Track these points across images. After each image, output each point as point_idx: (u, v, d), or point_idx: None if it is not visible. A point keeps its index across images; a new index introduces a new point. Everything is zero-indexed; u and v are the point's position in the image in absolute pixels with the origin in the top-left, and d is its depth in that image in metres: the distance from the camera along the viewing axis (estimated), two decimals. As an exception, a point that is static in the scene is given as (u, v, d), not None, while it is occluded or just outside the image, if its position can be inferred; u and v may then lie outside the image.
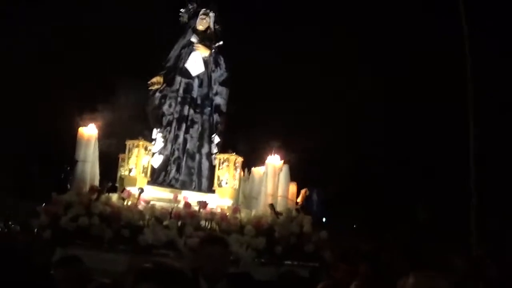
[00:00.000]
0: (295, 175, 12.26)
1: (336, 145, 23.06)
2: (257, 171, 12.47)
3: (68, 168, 10.88)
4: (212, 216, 10.89)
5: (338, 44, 23.28)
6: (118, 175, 12.09)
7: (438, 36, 22.88)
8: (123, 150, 11.98)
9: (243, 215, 11.28)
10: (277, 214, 11.21)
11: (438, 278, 4.44)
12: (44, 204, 10.80)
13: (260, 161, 12.48)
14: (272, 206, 11.33)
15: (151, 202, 10.94)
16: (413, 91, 25.46)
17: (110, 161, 12.15)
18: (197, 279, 5.46)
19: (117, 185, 11.56)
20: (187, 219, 10.62)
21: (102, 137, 11.49)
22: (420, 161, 26.81)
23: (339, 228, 11.43)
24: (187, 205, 10.91)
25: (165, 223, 10.53)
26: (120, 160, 12.21)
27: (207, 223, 10.82)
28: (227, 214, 11.08)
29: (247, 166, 12.64)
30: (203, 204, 11.00)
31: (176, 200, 11.17)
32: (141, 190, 10.88)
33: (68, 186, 10.92)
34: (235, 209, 11.30)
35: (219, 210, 11.24)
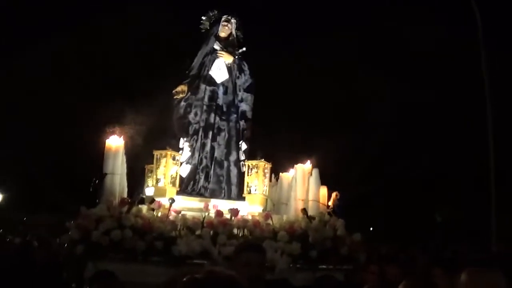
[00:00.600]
0: (325, 178, 12.10)
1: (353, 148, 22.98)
2: (285, 176, 12.34)
3: (97, 181, 10.75)
4: (244, 223, 10.76)
5: (355, 51, 23.30)
6: (145, 185, 12.01)
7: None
8: (149, 161, 11.92)
9: (275, 221, 11.15)
10: (310, 218, 11.07)
11: (492, 273, 4.33)
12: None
13: (288, 166, 12.38)
14: (305, 210, 11.20)
15: (182, 212, 10.84)
16: (432, 97, 25.40)
17: (137, 172, 12.06)
18: None
19: (144, 196, 11.44)
20: (220, 227, 10.49)
21: (129, 149, 11.39)
22: (437, 164, 26.73)
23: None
24: (219, 213, 10.78)
25: (197, 232, 10.42)
26: (146, 171, 12.14)
27: (239, 231, 10.72)
28: (259, 220, 10.96)
29: (274, 171, 12.51)
30: (234, 212, 10.87)
31: (206, 209, 11.04)
32: (172, 201, 10.75)
33: (97, 200, 10.80)
34: (267, 215, 11.16)
35: (250, 217, 11.12)
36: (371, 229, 27.53)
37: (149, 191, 11.49)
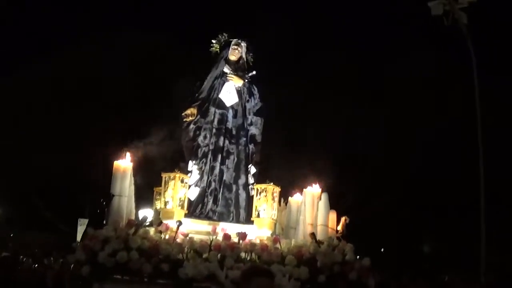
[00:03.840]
0: (333, 203, 12.01)
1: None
2: (294, 200, 12.24)
3: (105, 203, 10.70)
4: (252, 247, 10.67)
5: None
6: (153, 208, 11.96)
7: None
8: (157, 183, 11.88)
9: (283, 245, 11.05)
10: (318, 243, 10.96)
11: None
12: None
13: (297, 190, 12.30)
14: (313, 235, 11.09)
15: (190, 235, 10.76)
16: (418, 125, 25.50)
17: (145, 194, 12.03)
18: None
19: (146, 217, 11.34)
20: (227, 251, 10.40)
21: (137, 170, 11.34)
22: (426, 197, 26.70)
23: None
24: (227, 236, 10.70)
25: (204, 255, 10.33)
26: (155, 193, 12.09)
27: (247, 255, 10.62)
28: (268, 244, 10.86)
29: (282, 195, 12.43)
30: (242, 236, 10.78)
31: (214, 232, 10.96)
32: (180, 223, 10.67)
33: (104, 221, 10.75)
34: (276, 239, 11.07)
35: (258, 241, 11.03)
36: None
37: (142, 214, 11.35)
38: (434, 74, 25.59)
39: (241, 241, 10.72)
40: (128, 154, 11.13)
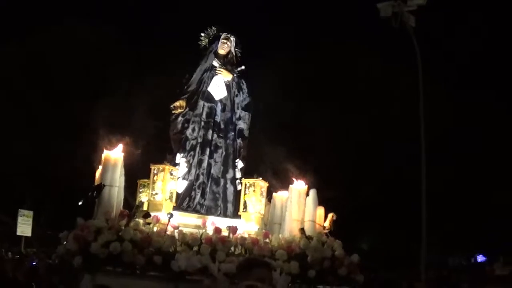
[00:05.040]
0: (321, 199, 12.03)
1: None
2: (278, 196, 12.21)
3: (95, 193, 10.53)
4: (242, 241, 10.65)
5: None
6: (138, 200, 11.81)
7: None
8: (141, 175, 11.77)
9: (272, 240, 11.05)
10: (308, 238, 10.98)
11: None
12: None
13: (283, 186, 12.29)
14: (303, 230, 11.11)
15: (179, 228, 10.68)
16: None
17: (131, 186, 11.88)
18: None
19: (136, 211, 11.24)
20: (219, 244, 10.35)
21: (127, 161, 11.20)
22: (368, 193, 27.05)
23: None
24: (218, 230, 10.65)
25: (194, 248, 10.27)
26: (139, 185, 11.95)
27: (236, 249, 10.59)
28: (258, 239, 10.85)
29: (269, 191, 12.41)
30: (233, 229, 10.75)
31: (204, 225, 10.91)
32: (171, 216, 10.58)
33: (94, 211, 10.58)
34: (266, 234, 11.08)
35: (247, 235, 11.01)
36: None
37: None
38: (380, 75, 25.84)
39: (231, 235, 10.69)
40: (118, 145, 10.98)
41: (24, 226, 25.93)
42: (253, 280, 5.44)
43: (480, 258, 29.98)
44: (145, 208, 11.31)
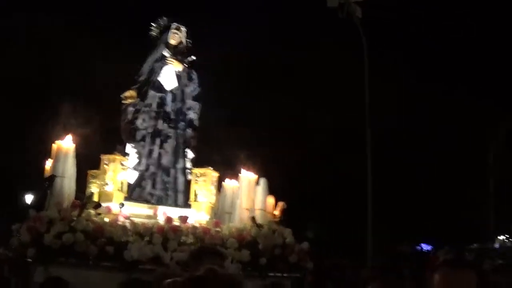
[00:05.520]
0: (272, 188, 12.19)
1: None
2: (228, 185, 12.30)
3: (47, 184, 10.49)
4: (194, 230, 10.75)
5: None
6: (87, 191, 11.76)
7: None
8: (91, 166, 11.76)
9: (224, 229, 11.17)
10: (259, 226, 11.13)
11: (462, 270, 4.41)
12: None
13: (233, 176, 12.39)
14: (253, 218, 11.25)
15: (131, 218, 10.74)
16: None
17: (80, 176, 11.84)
18: None
19: (86, 201, 11.22)
20: (170, 233, 10.45)
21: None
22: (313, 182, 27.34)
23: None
24: (169, 219, 10.74)
25: (146, 238, 10.34)
26: (89, 176, 11.91)
27: (188, 238, 10.69)
28: (209, 228, 10.97)
29: (219, 181, 12.50)
30: (184, 219, 10.87)
31: (155, 215, 10.99)
32: (122, 205, 10.66)
33: (46, 202, 10.54)
34: (217, 223, 11.19)
35: (198, 225, 11.11)
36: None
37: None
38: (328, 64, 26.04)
39: (182, 224, 10.79)
40: (69, 135, 10.94)
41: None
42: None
43: (425, 247, 30.56)
44: (96, 199, 11.31)
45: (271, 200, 12.07)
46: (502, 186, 25.08)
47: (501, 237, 29.96)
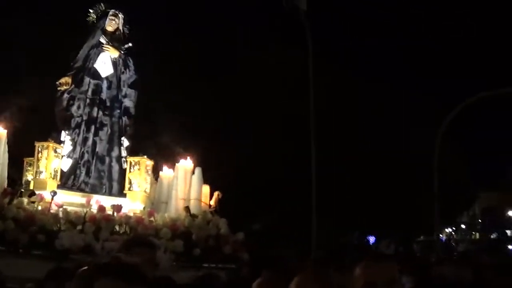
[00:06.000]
0: (207, 177, 12.17)
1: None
2: (165, 175, 12.23)
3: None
4: (127, 219, 10.68)
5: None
6: (24, 178, 11.61)
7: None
8: (28, 154, 11.58)
9: (158, 218, 11.11)
10: (193, 216, 11.11)
11: (387, 262, 4.47)
12: None
13: (169, 165, 12.32)
14: (187, 208, 11.22)
15: (64, 206, 10.61)
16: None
17: (16, 164, 11.66)
18: None
19: (22, 190, 11.09)
20: (103, 223, 10.37)
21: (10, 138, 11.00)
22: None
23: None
24: (102, 208, 10.65)
25: (79, 227, 10.24)
26: (25, 163, 11.74)
27: (121, 227, 10.62)
28: (143, 217, 10.90)
29: (155, 170, 12.42)
30: (117, 208, 10.78)
31: (88, 204, 10.86)
32: (54, 193, 10.50)
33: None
34: (151, 212, 11.14)
35: (132, 214, 11.04)
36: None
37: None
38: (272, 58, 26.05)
39: (115, 214, 10.71)
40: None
41: None
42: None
43: (372, 240, 31.00)
44: (31, 186, 11.16)
45: (206, 189, 12.05)
46: (447, 178, 25.47)
47: (448, 230, 30.61)
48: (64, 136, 11.99)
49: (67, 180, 11.78)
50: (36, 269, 9.32)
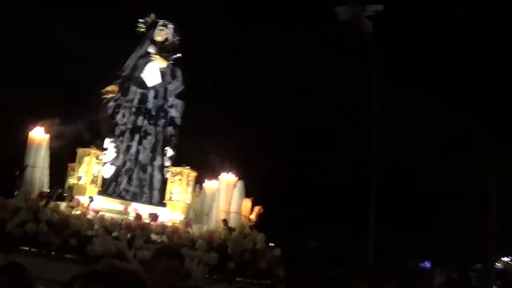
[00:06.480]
0: (249, 192, 12.06)
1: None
2: (209, 186, 12.20)
3: (17, 173, 10.48)
4: (163, 229, 10.63)
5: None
6: (67, 184, 11.74)
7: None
8: (72, 159, 11.69)
9: (195, 230, 11.04)
10: (230, 229, 10.99)
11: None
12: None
13: (212, 177, 12.27)
14: (225, 221, 11.11)
15: (101, 212, 10.65)
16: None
17: (60, 169, 11.81)
18: None
19: (65, 194, 11.23)
20: (138, 231, 10.34)
21: (53, 143, 11.15)
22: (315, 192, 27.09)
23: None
24: (138, 216, 10.63)
25: (114, 234, 10.25)
26: (69, 169, 11.87)
27: (158, 236, 10.58)
28: (179, 228, 10.84)
29: (198, 181, 12.39)
30: (154, 217, 10.74)
31: (126, 211, 10.88)
32: (91, 199, 10.57)
33: (16, 191, 10.54)
34: (187, 223, 11.07)
35: (170, 224, 11.00)
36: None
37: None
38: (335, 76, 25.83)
39: (152, 222, 10.68)
40: (43, 126, 10.92)
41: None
42: (158, 269, 5.44)
43: (428, 265, 30.38)
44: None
45: (247, 203, 11.94)
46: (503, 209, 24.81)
47: (505, 259, 29.79)
48: (108, 143, 12.08)
49: (108, 187, 11.85)
50: (66, 273, 9.44)
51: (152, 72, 12.46)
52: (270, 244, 11.66)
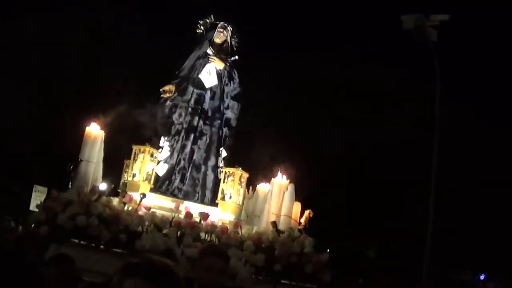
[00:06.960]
0: (299, 195, 12.08)
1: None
2: (262, 188, 12.27)
3: (72, 167, 10.72)
4: (212, 228, 10.73)
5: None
6: (121, 180, 11.95)
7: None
8: (128, 156, 11.89)
9: (244, 230, 11.11)
10: (278, 232, 11.02)
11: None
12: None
13: (264, 179, 12.33)
14: (274, 223, 11.15)
15: (152, 210, 10.81)
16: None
17: (116, 165, 12.04)
18: None
19: (119, 190, 11.46)
20: (187, 229, 10.47)
21: (109, 139, 11.37)
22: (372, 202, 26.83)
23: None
24: (188, 215, 10.76)
25: (164, 231, 10.39)
26: (124, 165, 12.08)
27: (207, 235, 10.68)
28: (228, 228, 10.92)
29: (250, 183, 12.46)
30: (204, 216, 10.84)
31: (177, 209, 11.00)
32: (143, 196, 10.72)
33: (70, 184, 10.78)
34: (237, 224, 11.15)
35: (220, 224, 11.09)
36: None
37: (102, 187, 11.23)
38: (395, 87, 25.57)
39: (202, 221, 10.79)
40: (98, 122, 11.15)
41: (37, 202, 26.19)
42: (202, 268, 5.52)
43: (482, 277, 29.83)
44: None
45: (298, 207, 11.97)
46: None
47: None
48: (163, 142, 12.25)
49: (162, 185, 12.02)
50: (114, 267, 9.61)
51: (210, 73, 12.61)
52: (326, 250, 11.68)
